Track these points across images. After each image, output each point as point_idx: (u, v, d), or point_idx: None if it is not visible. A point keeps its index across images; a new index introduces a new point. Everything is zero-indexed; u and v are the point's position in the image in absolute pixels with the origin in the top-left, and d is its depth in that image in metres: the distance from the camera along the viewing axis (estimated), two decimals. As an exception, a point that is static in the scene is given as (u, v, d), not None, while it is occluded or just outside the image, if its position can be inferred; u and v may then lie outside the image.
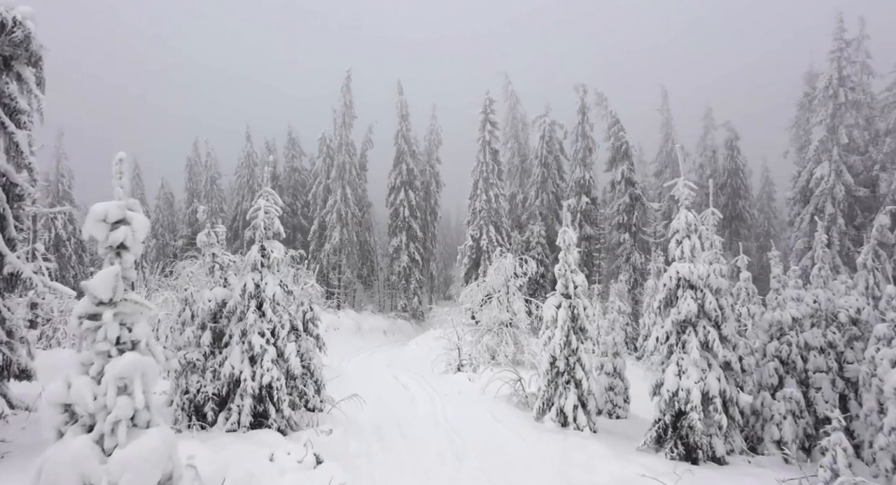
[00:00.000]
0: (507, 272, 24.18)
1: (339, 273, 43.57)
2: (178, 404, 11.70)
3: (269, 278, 11.87)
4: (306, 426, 12.27)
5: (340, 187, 42.16)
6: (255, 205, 12.10)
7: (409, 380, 19.88)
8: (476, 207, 37.20)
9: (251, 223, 12.03)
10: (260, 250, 11.91)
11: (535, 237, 39.78)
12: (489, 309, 24.38)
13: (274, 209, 12.11)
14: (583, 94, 38.37)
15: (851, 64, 30.71)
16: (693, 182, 13.24)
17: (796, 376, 13.49)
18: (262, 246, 11.96)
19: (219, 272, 12.28)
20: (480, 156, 37.47)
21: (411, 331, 42.27)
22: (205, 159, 50.14)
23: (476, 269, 37.44)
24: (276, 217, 12.19)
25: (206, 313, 12.05)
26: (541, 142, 40.82)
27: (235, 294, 11.79)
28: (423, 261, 45.34)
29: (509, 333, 24.29)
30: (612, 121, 38.14)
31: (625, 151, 37.53)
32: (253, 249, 11.81)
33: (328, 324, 34.63)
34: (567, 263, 14.46)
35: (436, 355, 24.22)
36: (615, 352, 16.53)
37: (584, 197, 38.13)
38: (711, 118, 48.28)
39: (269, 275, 11.93)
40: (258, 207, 12.02)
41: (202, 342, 11.89)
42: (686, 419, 12.17)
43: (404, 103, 44.31)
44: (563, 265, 14.48)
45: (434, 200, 48.42)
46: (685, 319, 12.50)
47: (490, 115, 37.75)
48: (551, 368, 14.26)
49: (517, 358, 24.45)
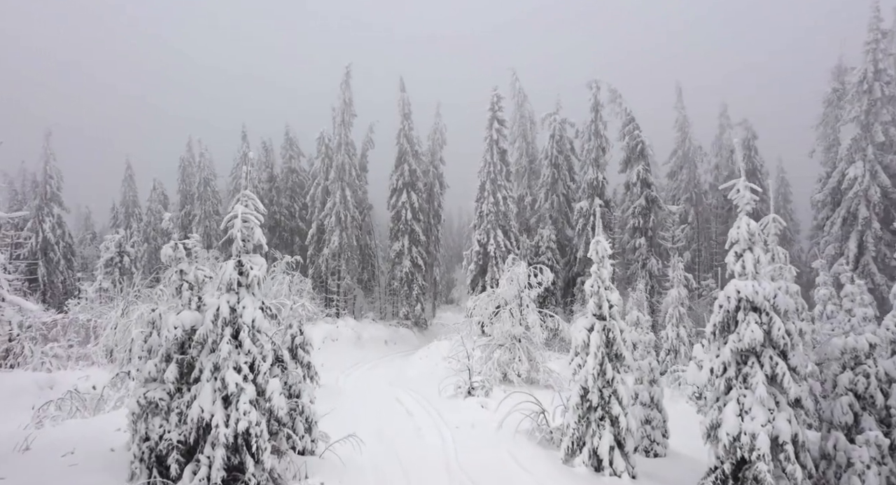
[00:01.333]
0: (520, 282, 22.10)
1: (338, 279, 41.49)
2: (136, 455, 9.63)
3: (248, 301, 9.79)
4: (293, 479, 10.17)
5: (340, 189, 40.10)
6: (231, 211, 10.03)
7: (414, 404, 17.79)
8: (483, 210, 35.11)
9: (227, 233, 9.94)
10: (236, 267, 9.83)
11: (544, 242, 37.71)
12: (500, 322, 22.31)
13: (254, 217, 10.03)
14: (596, 90, 36.28)
15: (888, 57, 28.58)
16: (709, 183, 11.36)
17: (875, 413, 11.40)
18: (238, 262, 9.88)
19: (188, 292, 10.19)
20: (487, 156, 35.38)
21: (414, 340, 40.20)
22: (198, 160, 48.06)
23: (483, 275, 35.38)
24: (258, 226, 10.10)
25: (172, 342, 9.97)
26: (551, 141, 38.77)
27: (207, 320, 9.70)
28: (426, 266, 43.25)
29: (522, 348, 22.23)
30: (626, 119, 36.07)
31: (640, 151, 35.45)
32: (227, 265, 9.74)
33: (326, 335, 32.58)
34: (600, 278, 12.37)
35: (443, 375, 22.15)
36: (651, 379, 14.43)
37: (597, 199, 36.02)
38: (727, 117, 46.17)
39: (248, 296, 9.85)
40: (234, 214, 9.94)
41: (166, 378, 9.81)
42: (751, 470, 10.09)
43: (406, 101, 42.25)
44: (596, 281, 12.38)
45: (437, 202, 46.34)
46: (748, 347, 10.41)
47: (498, 112, 35.67)
48: (582, 401, 12.17)
49: (531, 376, 22.39)
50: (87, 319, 22.33)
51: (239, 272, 9.86)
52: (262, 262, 10.14)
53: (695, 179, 43.81)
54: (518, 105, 41.50)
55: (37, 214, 47.66)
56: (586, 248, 36.03)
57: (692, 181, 43.67)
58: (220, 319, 9.64)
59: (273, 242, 50.86)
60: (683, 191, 43.44)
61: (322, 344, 31.45)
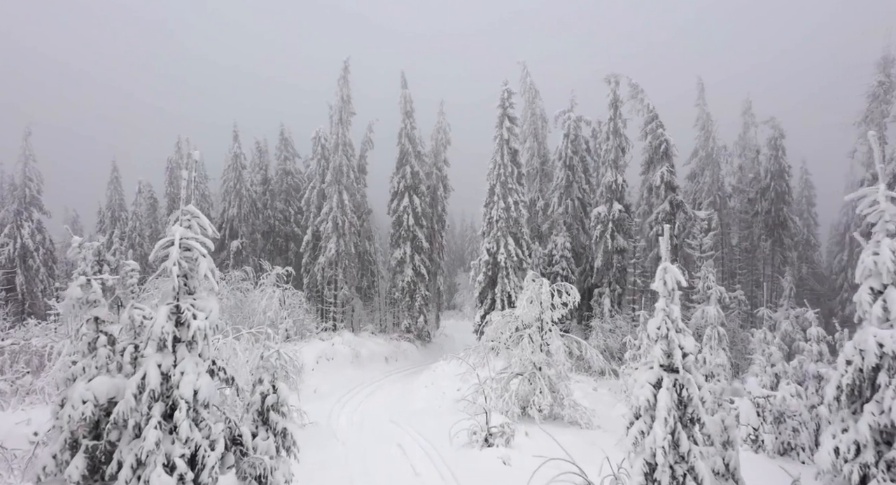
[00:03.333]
0: (542, 303, 19.09)
1: (334, 289, 38.46)
2: None
3: (188, 364, 6.80)
4: None
5: (336, 192, 37.09)
6: (167, 234, 7.03)
7: (422, 456, 14.77)
8: (493, 215, 32.07)
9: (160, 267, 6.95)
10: (172, 315, 6.83)
11: (558, 250, 34.70)
12: (519, 349, 19.29)
13: (198, 246, 7.03)
14: (614, 85, 33.28)
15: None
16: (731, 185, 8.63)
17: None
18: (176, 308, 6.88)
19: (105, 349, 7.19)
20: (497, 157, 32.34)
21: (416, 355, 37.22)
22: (185, 161, 45.00)
23: (493, 287, 32.35)
24: (205, 257, 7.10)
25: (79, 422, 6.98)
26: (565, 140, 35.77)
27: (128, 392, 6.71)
28: (429, 275, 40.22)
29: (544, 378, 19.22)
30: (648, 116, 33.08)
31: (664, 151, 32.47)
32: (158, 314, 6.75)
33: (320, 354, 29.55)
34: (670, 317, 9.36)
35: (452, 409, 19.16)
36: (725, 440, 11.39)
37: (616, 204, 33.03)
38: (752, 114, 43.12)
39: (190, 358, 6.86)
40: (169, 239, 6.94)
41: (69, 475, 6.80)
42: None
43: (408, 97, 39.26)
44: (664, 322, 9.37)
45: (441, 206, 43.31)
46: (894, 424, 7.41)
47: (509, 109, 32.64)
48: (647, 482, 9.16)
49: (554, 411, 19.38)
50: (42, 346, 19.30)
51: (176, 323, 6.86)
52: (213, 306, 7.14)
53: (718, 181, 40.81)
54: (529, 102, 38.47)
55: (15, 218, 44.73)
56: (604, 257, 33.08)
57: (715, 184, 40.67)
58: (147, 391, 6.65)
59: (267, 248, 47.95)
60: (706, 194, 40.43)
61: (316, 364, 28.47)
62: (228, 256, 44.71)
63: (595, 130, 37.02)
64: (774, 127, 41.48)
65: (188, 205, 7.25)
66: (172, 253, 6.85)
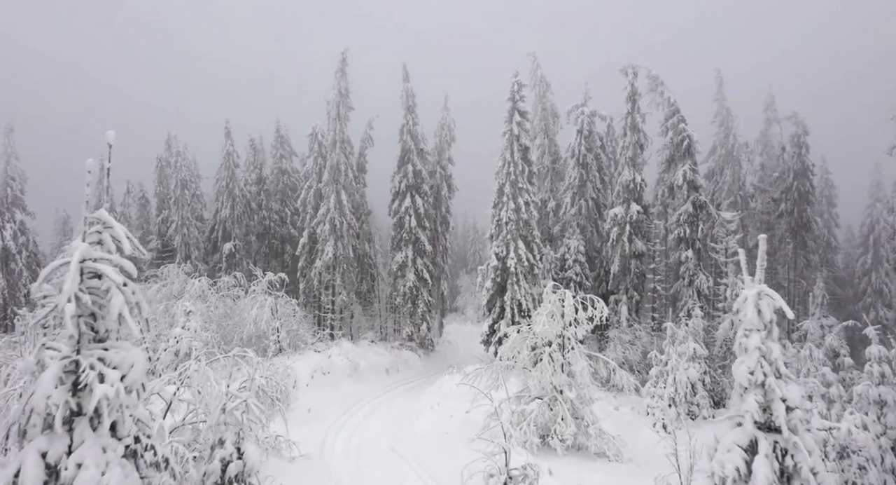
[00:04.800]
0: (565, 317, 16.77)
1: (332, 295, 36.15)
2: None
3: (89, 449, 4.47)
4: None
5: (334, 192, 34.78)
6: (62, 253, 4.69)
7: (429, 504, 12.46)
8: (502, 217, 29.74)
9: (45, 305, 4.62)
10: (66, 376, 4.51)
11: (571, 254, 32.39)
12: (538, 370, 16.99)
13: (111, 271, 4.70)
14: (632, 77, 30.92)
15: None
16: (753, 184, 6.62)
17: None
18: (74, 364, 4.56)
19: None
20: (507, 154, 30.01)
21: (419, 366, 34.88)
22: (174, 159, 42.71)
23: (501, 295, 30.03)
24: (118, 288, 4.77)
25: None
26: (578, 137, 33.43)
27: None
28: (432, 279, 37.90)
29: (566, 402, 16.91)
30: (669, 111, 30.77)
31: (687, 148, 30.13)
32: (44, 376, 4.43)
33: (315, 368, 27.18)
34: (766, 359, 7.04)
35: (460, 438, 16.87)
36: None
37: (634, 205, 30.70)
38: (774, 110, 40.88)
39: (94, 439, 4.53)
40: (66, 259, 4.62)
41: None
42: None
43: (410, 91, 36.93)
44: (758, 363, 7.06)
45: (445, 207, 40.95)
46: None
47: (519, 103, 30.31)
48: None
49: (578, 441, 17.07)
50: None
51: (73, 388, 4.54)
52: (136, 358, 4.82)
53: (739, 180, 38.52)
54: (539, 96, 36.11)
55: (-5, 220, 42.47)
56: (621, 261, 30.76)
57: (736, 183, 38.39)
58: (26, 495, 4.33)
59: (262, 251, 45.67)
60: (726, 194, 38.17)
61: (311, 380, 26.14)
62: (221, 259, 42.43)
63: (610, 125, 34.73)
64: (797, 123, 39.25)
65: (98, 211, 4.95)
66: (67, 283, 4.55)
